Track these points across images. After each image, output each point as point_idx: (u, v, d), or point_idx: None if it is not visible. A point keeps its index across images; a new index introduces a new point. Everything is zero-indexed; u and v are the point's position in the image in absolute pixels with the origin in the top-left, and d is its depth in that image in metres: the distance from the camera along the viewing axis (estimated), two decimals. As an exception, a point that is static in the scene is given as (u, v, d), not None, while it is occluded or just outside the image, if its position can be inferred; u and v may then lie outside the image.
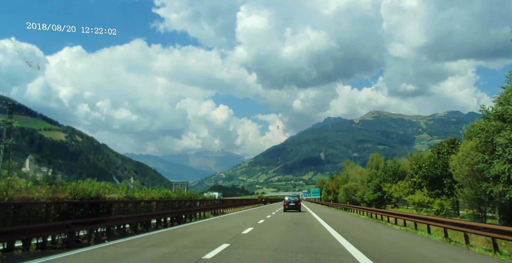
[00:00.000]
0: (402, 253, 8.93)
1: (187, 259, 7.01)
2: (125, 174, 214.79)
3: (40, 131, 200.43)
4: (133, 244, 9.69)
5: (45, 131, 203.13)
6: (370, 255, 7.65)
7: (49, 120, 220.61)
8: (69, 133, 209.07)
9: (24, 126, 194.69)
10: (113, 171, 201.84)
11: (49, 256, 7.38)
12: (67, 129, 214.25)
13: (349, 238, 10.77)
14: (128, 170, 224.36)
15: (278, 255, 7.73)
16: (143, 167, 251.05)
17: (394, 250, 9.32)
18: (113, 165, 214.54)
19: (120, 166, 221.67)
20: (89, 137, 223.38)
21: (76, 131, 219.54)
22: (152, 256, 7.58)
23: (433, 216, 17.69)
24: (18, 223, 7.92)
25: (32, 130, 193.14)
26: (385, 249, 9.46)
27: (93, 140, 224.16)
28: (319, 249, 8.68)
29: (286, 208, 30.32)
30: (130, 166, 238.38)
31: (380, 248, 9.34)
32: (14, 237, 7.70)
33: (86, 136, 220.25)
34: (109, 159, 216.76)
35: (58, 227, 8.94)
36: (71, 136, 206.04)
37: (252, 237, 11.04)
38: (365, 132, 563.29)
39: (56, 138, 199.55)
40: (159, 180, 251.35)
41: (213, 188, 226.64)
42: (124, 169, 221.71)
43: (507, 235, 8.75)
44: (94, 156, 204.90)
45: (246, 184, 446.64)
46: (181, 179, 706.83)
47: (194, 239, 10.99)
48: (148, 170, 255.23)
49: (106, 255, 7.92)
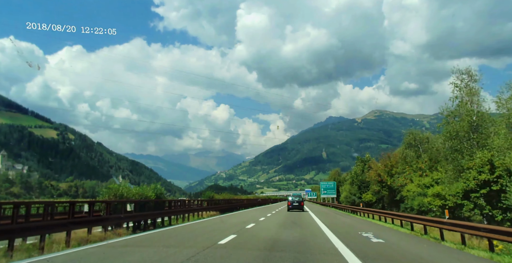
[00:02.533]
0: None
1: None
2: (119, 173, 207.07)
3: (31, 128, 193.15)
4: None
5: (35, 128, 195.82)
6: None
7: (40, 118, 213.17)
8: (61, 131, 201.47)
9: (14, 123, 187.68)
10: (106, 170, 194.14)
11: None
12: (59, 127, 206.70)
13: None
14: (123, 169, 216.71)
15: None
16: (139, 165, 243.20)
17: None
18: (106, 163, 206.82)
19: (114, 165, 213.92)
20: (82, 134, 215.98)
21: (69, 129, 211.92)
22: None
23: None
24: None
25: (22, 127, 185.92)
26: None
27: (86, 137, 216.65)
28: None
29: (290, 207, 32.32)
30: (125, 164, 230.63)
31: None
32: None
33: (78, 134, 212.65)
34: (103, 157, 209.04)
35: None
36: (62, 134, 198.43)
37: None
38: (367, 131, 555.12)
39: (47, 135, 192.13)
40: (155, 179, 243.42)
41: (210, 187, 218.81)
42: (118, 168, 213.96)
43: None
44: (87, 154, 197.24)
45: (246, 183, 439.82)
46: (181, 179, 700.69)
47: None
48: (144, 169, 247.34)
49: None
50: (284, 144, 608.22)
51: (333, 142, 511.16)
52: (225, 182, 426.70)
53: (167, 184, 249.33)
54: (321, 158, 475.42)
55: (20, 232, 7.90)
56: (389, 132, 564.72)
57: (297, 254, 7.58)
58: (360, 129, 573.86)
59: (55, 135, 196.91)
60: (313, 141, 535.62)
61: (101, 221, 11.72)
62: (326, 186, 69.75)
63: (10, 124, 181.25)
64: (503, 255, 8.66)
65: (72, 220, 10.22)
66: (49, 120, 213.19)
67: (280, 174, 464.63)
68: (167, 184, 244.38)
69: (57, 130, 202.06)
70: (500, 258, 8.05)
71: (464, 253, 9.15)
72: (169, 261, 6.70)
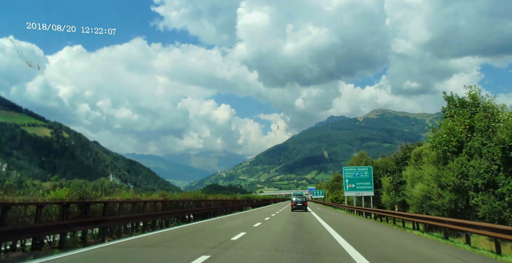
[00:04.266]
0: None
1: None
2: (115, 172, 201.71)
3: (24, 127, 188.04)
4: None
5: (29, 127, 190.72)
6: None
7: (35, 116, 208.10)
8: (55, 129, 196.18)
9: (7, 121, 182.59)
10: (101, 169, 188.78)
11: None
12: (54, 125, 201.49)
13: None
14: (119, 168, 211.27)
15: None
16: (136, 165, 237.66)
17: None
18: (102, 162, 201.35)
19: (110, 164, 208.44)
20: (77, 133, 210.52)
21: (64, 127, 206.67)
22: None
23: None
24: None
25: (15, 126, 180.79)
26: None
27: (81, 136, 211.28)
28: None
29: (294, 208, 32.40)
30: (122, 164, 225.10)
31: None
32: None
33: (73, 132, 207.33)
34: (98, 156, 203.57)
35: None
36: (57, 132, 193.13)
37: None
38: (370, 130, 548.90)
39: (41, 134, 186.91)
40: (153, 179, 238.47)
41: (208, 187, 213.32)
42: (114, 167, 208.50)
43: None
44: (81, 153, 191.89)
45: (247, 183, 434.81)
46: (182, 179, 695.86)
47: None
48: (142, 168, 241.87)
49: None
50: (285, 143, 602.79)
51: (335, 141, 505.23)
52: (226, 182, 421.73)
53: (165, 183, 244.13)
54: (322, 157, 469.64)
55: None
56: (391, 130, 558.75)
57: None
58: (362, 129, 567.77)
59: (49, 133, 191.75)
60: (315, 140, 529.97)
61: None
62: (361, 170, 36.28)
63: (2, 123, 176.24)
64: None
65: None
66: (43, 118, 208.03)
67: (281, 174, 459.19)
68: (165, 184, 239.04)
69: (51, 128, 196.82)
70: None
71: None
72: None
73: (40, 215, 8.51)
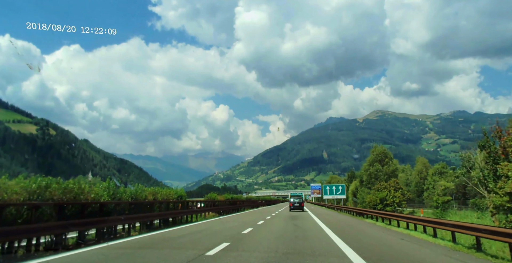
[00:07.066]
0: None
1: None
2: (104, 172, 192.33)
3: (8, 123, 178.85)
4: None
5: (13, 123, 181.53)
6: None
7: (21, 112, 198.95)
8: (41, 126, 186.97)
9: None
10: (89, 168, 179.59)
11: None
12: (40, 122, 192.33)
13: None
14: (108, 168, 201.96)
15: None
16: (127, 164, 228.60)
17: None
18: (90, 161, 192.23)
19: (99, 163, 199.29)
20: (65, 130, 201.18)
21: (51, 124, 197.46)
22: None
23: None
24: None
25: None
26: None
27: (69, 133, 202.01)
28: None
29: (292, 208, 36.31)
30: (113, 163, 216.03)
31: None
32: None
33: (61, 129, 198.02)
34: (86, 155, 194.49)
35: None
36: (43, 129, 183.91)
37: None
38: (369, 131, 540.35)
39: (25, 130, 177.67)
40: (145, 179, 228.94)
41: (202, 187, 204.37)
42: (103, 166, 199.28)
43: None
44: (68, 151, 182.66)
45: (244, 184, 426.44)
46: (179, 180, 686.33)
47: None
48: (133, 168, 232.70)
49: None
50: (283, 144, 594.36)
51: (334, 142, 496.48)
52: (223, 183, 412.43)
53: (158, 184, 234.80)
54: (321, 158, 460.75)
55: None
56: (391, 132, 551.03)
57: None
58: (362, 130, 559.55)
59: (35, 130, 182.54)
60: (313, 141, 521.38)
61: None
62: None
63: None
64: None
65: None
66: (29, 115, 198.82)
67: (279, 175, 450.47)
68: (157, 184, 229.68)
69: (37, 125, 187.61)
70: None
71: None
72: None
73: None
